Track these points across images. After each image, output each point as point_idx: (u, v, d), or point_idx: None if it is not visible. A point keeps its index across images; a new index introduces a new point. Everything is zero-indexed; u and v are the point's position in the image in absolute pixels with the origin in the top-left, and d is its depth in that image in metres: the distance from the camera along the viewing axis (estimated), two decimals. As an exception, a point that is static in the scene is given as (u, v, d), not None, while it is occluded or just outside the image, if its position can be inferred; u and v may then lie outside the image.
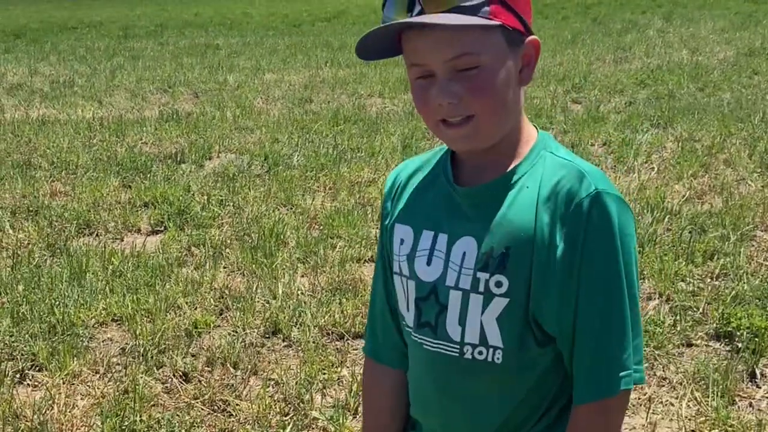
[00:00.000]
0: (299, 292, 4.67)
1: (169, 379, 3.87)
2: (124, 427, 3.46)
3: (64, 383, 3.83)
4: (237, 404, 3.64)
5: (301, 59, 15.08)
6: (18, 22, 27.99)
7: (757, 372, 3.69)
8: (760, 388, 3.61)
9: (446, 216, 1.51)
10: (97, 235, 5.82)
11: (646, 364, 3.64)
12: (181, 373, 3.92)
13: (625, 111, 9.13)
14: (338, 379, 3.83)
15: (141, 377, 3.84)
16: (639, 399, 3.51)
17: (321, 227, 5.69)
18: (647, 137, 7.67)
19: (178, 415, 3.56)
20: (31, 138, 8.85)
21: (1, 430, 3.52)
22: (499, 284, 1.43)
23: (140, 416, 3.54)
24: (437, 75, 1.39)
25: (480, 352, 1.47)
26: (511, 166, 1.47)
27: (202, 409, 3.63)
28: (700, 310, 4.17)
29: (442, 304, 1.49)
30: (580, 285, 1.40)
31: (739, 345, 3.83)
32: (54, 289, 4.77)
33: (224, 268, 5.10)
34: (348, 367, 3.90)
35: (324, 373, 3.85)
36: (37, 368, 4.01)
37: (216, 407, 3.65)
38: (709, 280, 4.55)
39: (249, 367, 3.92)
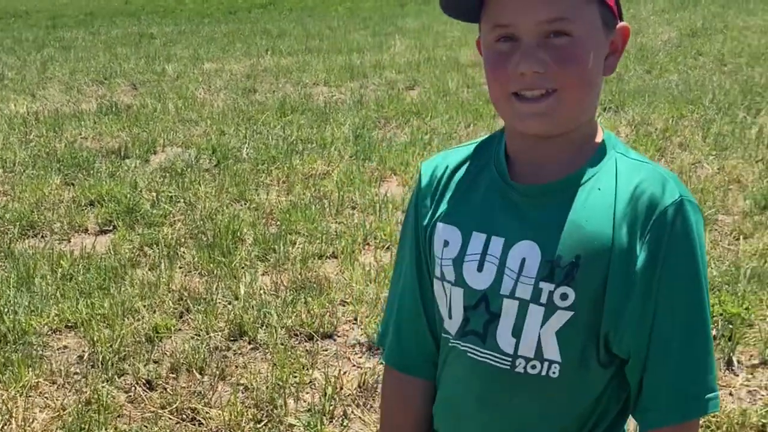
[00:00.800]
0: (262, 291, 4.52)
1: (133, 388, 3.70)
2: (89, 442, 3.31)
3: (20, 396, 3.63)
4: (207, 412, 3.49)
5: (241, 47, 14.78)
6: (-61, 12, 27.02)
7: (734, 360, 3.68)
8: (737, 376, 3.61)
9: (501, 216, 1.37)
10: (42, 236, 5.57)
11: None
12: (144, 381, 3.75)
13: (576, 96, 9.11)
14: (310, 382, 3.70)
15: (103, 387, 3.67)
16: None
17: (278, 223, 5.53)
18: (600, 122, 7.62)
19: (146, 426, 3.41)
20: (-37, 134, 8.48)
21: (-44, 450, 3.33)
22: (564, 296, 1.29)
23: (105, 429, 3.38)
24: (522, 40, 1.26)
25: (533, 366, 1.34)
26: (580, 165, 1.35)
27: (170, 419, 3.48)
28: (672, 298, 4.14)
29: (493, 313, 1.36)
30: (660, 299, 1.28)
31: (714, 332, 3.82)
32: (1, 295, 4.55)
33: (180, 268, 4.92)
34: (319, 369, 3.77)
35: (295, 377, 3.72)
36: (-10, 381, 3.80)
37: (185, 416, 3.51)
38: (677, 267, 4.53)
39: (216, 372, 3.78)
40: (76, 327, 4.24)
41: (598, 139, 1.39)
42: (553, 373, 1.34)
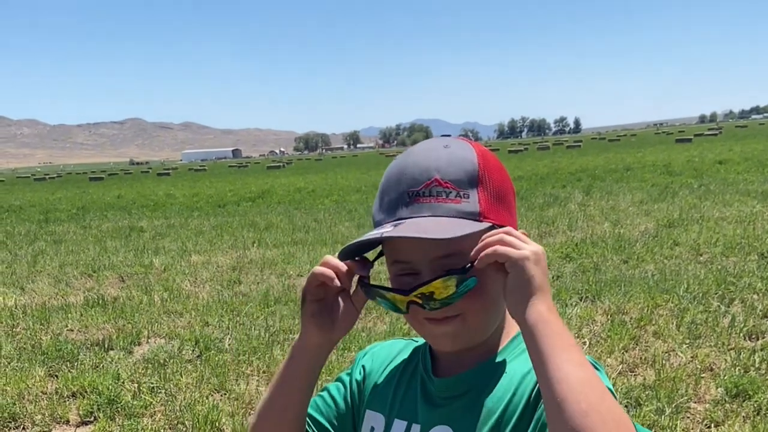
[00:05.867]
0: (238, 482, 4.54)
1: None
2: None
3: None
4: None
5: (228, 240, 15.17)
6: (-65, 207, 27.68)
7: None
8: None
9: (420, 406, 1.47)
10: (23, 428, 5.60)
11: None
12: None
13: (554, 285, 9.19)
14: None
15: None
16: None
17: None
18: (577, 311, 7.80)
19: None
20: (-49, 327, 8.60)
21: None
22: None
23: None
24: (422, 273, 1.33)
25: None
26: (489, 357, 1.44)
27: None
28: (643, 485, 4.17)
29: None
30: None
31: None
32: (-23, 489, 4.55)
33: (158, 459, 4.95)
34: None
35: None
36: None
37: None
38: (648, 454, 4.57)
39: None
40: None
41: (513, 333, 1.47)
42: None
